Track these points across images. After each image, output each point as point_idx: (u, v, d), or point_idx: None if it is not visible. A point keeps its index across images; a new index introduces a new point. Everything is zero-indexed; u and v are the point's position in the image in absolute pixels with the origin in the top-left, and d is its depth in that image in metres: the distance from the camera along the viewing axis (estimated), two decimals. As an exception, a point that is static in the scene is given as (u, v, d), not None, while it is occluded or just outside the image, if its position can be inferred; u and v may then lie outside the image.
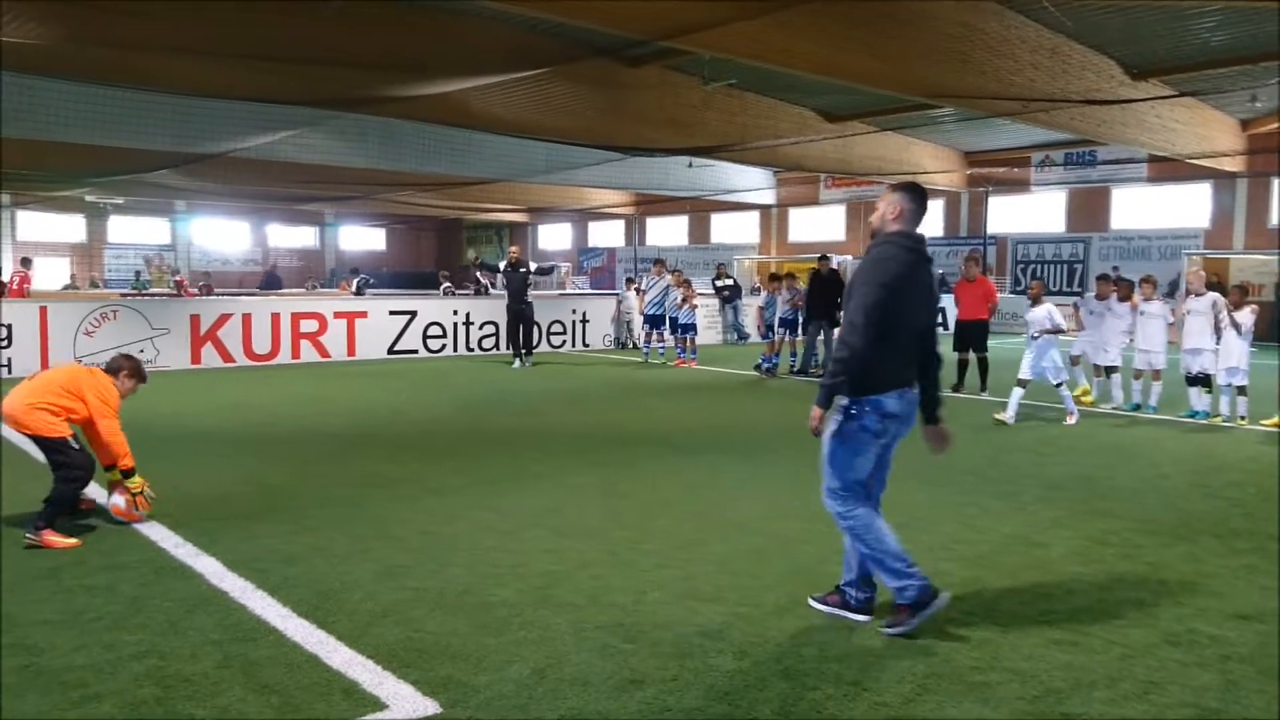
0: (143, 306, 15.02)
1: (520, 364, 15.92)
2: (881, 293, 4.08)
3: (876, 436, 4.19)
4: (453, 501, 6.49)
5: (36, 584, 4.65)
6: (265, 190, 30.15)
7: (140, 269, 36.20)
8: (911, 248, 4.26)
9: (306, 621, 4.19)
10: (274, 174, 24.24)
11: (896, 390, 4.18)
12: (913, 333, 4.24)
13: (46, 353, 13.39)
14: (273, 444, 8.68)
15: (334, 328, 16.24)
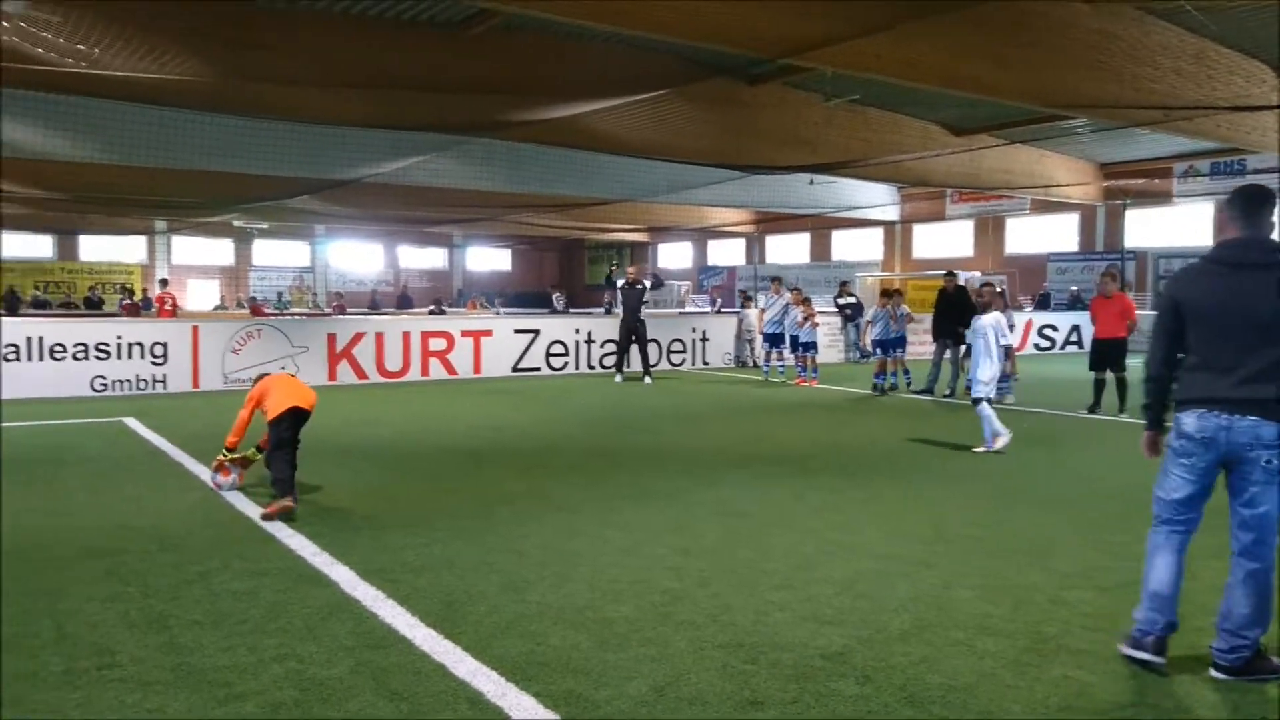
0: (285, 326, 15.80)
1: (620, 378, 16.27)
2: (1162, 306, 4.11)
3: (1179, 456, 3.97)
4: (575, 517, 6.58)
5: (189, 587, 4.93)
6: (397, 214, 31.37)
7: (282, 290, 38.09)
8: (1217, 258, 3.98)
9: (434, 631, 4.32)
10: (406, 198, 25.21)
11: (1197, 409, 3.91)
12: (1224, 346, 3.88)
13: (198, 370, 14.22)
14: (403, 458, 8.99)
15: (461, 346, 16.72)
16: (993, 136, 21.07)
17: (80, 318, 19.93)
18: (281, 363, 14.64)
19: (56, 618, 4.46)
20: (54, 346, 13.31)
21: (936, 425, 9.17)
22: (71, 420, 11.05)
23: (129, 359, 13.78)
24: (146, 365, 13.89)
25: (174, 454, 8.91)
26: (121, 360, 13.72)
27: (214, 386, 14.26)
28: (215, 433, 9.92)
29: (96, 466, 8.30)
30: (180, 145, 16.25)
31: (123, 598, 4.76)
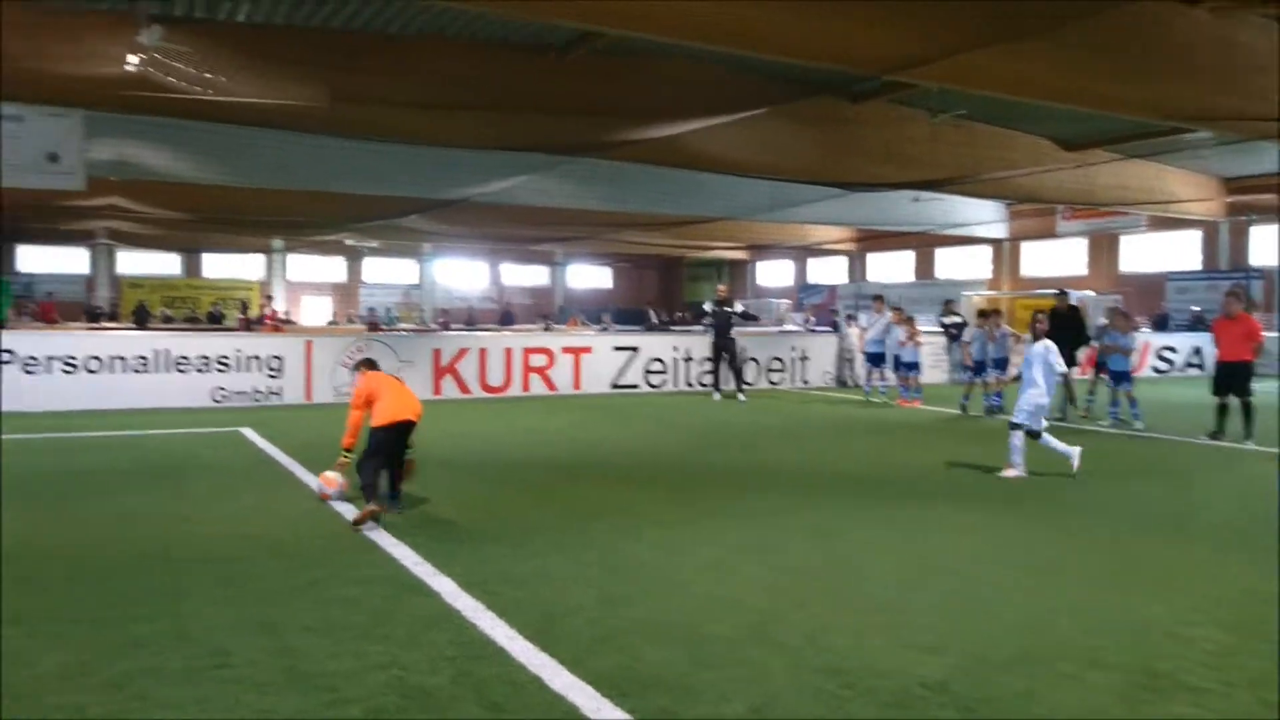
0: (392, 341, 16.29)
1: (719, 396, 16.32)
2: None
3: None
4: (672, 533, 6.59)
5: (299, 593, 5.12)
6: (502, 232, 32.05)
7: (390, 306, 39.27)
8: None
9: (531, 644, 4.38)
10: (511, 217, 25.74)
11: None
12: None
13: (311, 382, 14.77)
14: (504, 471, 9.15)
15: (561, 362, 16.94)
16: (1107, 151, 20.36)
17: (202, 332, 20.92)
18: (389, 377, 15.08)
19: (177, 619, 4.68)
20: (178, 359, 14.00)
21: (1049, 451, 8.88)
22: (193, 430, 11.60)
23: (247, 372, 14.40)
24: (263, 378, 14.49)
25: (287, 464, 9.26)
26: (240, 373, 14.35)
27: (325, 399, 14.77)
28: (326, 443, 10.27)
29: (215, 475, 8.68)
30: (298, 167, 16.97)
31: (238, 602, 4.96)
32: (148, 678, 3.95)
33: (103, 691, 3.80)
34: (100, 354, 13.59)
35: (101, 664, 4.07)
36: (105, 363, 13.55)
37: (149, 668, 4.05)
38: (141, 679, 3.93)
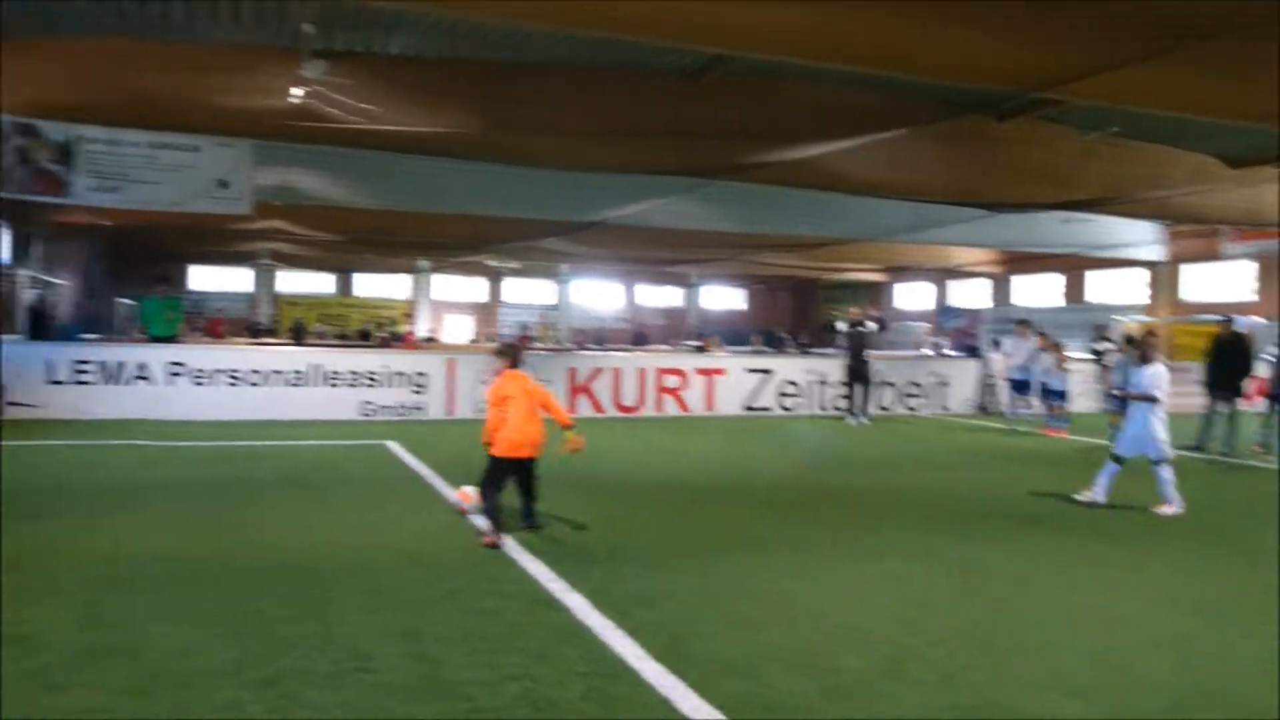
0: (528, 359, 16.66)
1: (854, 420, 16.15)
2: None
3: None
4: (805, 559, 6.50)
5: (440, 604, 5.28)
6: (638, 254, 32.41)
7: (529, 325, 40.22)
8: None
9: (660, 665, 4.39)
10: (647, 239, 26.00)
11: None
12: None
13: (453, 399, 15.27)
14: (636, 491, 9.22)
15: (694, 384, 16.98)
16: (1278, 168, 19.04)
17: (352, 348, 21.91)
18: (526, 395, 15.45)
19: (324, 623, 4.90)
20: (330, 374, 14.71)
21: (1209, 487, 8.36)
22: (341, 441, 12.15)
23: (393, 387, 15.01)
24: (408, 393, 15.07)
25: (428, 477, 9.59)
26: (387, 388, 14.96)
27: (466, 415, 15.23)
28: (466, 458, 10.58)
29: (361, 486, 9.07)
30: (445, 191, 17.61)
31: (380, 609, 5.16)
32: (296, 679, 4.15)
33: (257, 688, 4.02)
34: (260, 368, 14.43)
35: (255, 663, 4.30)
36: (264, 376, 14.37)
37: (297, 669, 4.25)
38: (291, 679, 4.13)
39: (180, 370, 13.92)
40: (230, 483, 8.95)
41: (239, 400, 14.09)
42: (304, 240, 27.88)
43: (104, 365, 13.63)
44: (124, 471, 9.34)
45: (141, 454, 10.47)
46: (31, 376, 13.26)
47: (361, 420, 14.56)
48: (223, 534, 6.86)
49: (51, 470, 9.30)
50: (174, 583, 5.52)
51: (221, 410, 13.83)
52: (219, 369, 14.15)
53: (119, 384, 13.62)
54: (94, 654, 4.33)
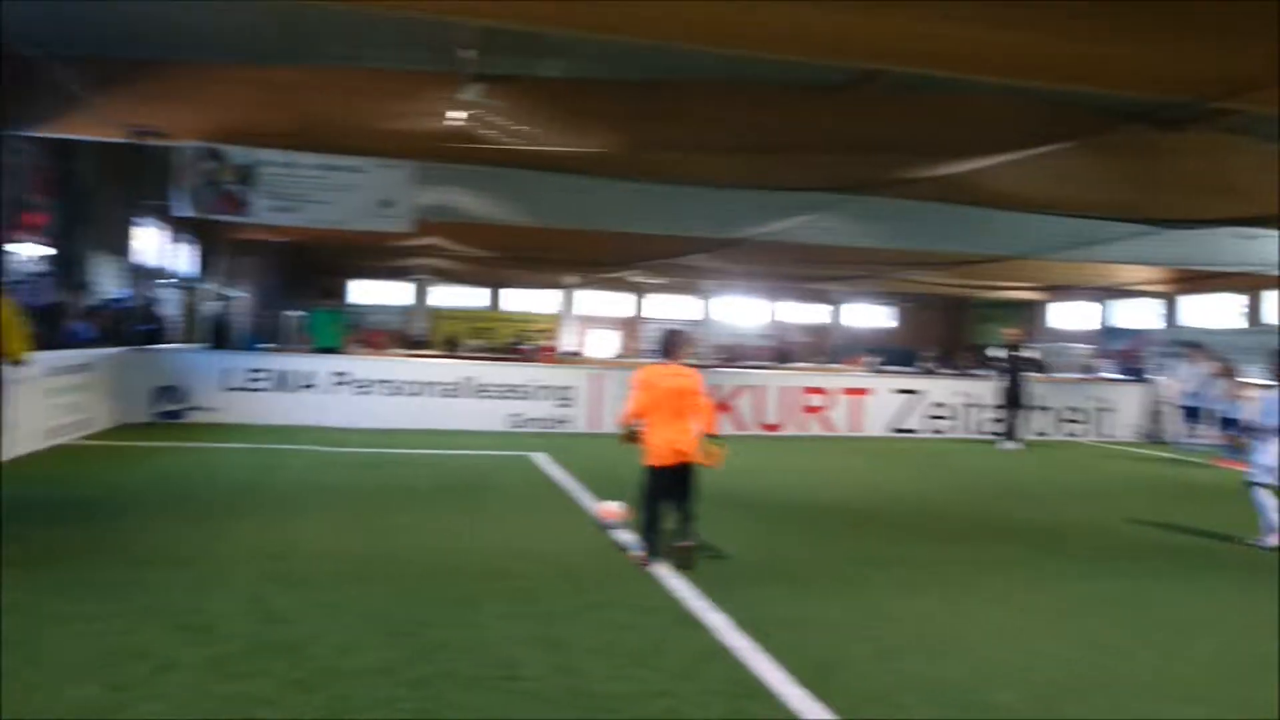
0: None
1: (1007, 445, 15.65)
2: None
3: None
4: (953, 590, 6.29)
5: (583, 615, 5.37)
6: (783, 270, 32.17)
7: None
8: None
9: (804, 690, 4.33)
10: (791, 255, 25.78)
11: None
12: None
13: (598, 413, 15.51)
14: (779, 512, 9.12)
15: (840, 404, 16.69)
16: None
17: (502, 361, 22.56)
18: (669, 411, 15.57)
19: (472, 629, 5.05)
20: (480, 386, 15.19)
21: None
22: (491, 451, 12.50)
23: (540, 400, 15.37)
24: (554, 406, 15.40)
25: (573, 489, 9.77)
26: (534, 401, 15.34)
27: (610, 429, 15.42)
28: (610, 472, 10.73)
29: (509, 496, 9.32)
30: (592, 209, 17.97)
31: (526, 617, 5.28)
32: (446, 681, 4.29)
33: (410, 688, 4.18)
34: (416, 378, 15.04)
35: (408, 663, 4.47)
36: (420, 386, 14.97)
37: (447, 671, 4.40)
38: (441, 681, 4.28)
39: (343, 380, 14.66)
40: (387, 488, 9.35)
41: (396, 409, 14.71)
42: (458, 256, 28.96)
43: (275, 373, 14.50)
44: (291, 475, 9.90)
45: (307, 459, 11.08)
46: (211, 383, 14.24)
47: (509, 432, 14.95)
48: (380, 537, 7.18)
49: (227, 472, 9.95)
50: (335, 582, 5.80)
51: (380, 419, 14.48)
52: (378, 379, 14.84)
53: (288, 392, 14.47)
54: (264, 646, 4.60)
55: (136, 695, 3.96)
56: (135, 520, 7.41)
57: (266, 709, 3.90)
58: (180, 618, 4.96)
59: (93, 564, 6.00)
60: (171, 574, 5.82)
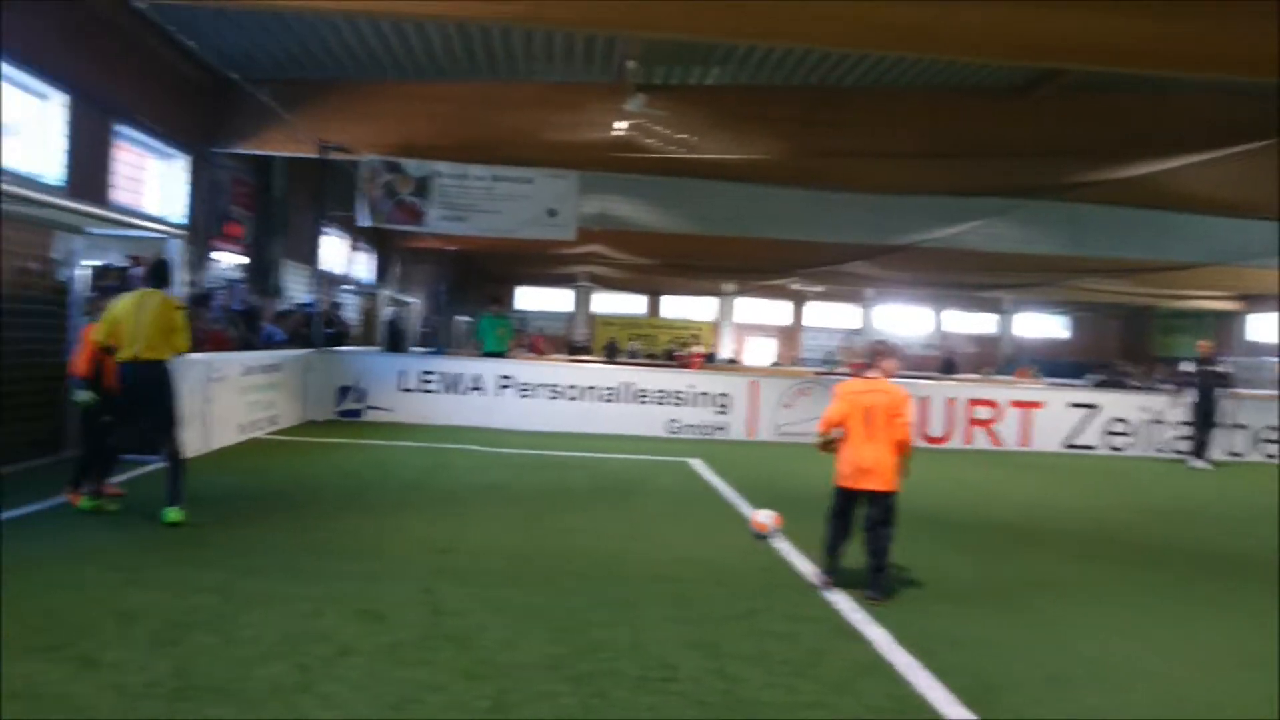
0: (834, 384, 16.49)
1: (1196, 464, 14.80)
2: None
3: None
4: (1135, 616, 5.94)
5: (738, 622, 5.37)
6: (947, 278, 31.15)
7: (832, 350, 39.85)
8: None
9: (969, 713, 4.19)
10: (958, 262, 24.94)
11: None
12: None
13: (755, 420, 15.45)
14: (943, 526, 8.84)
15: (1009, 417, 16.02)
16: None
17: (660, 368, 22.78)
18: (827, 420, 15.35)
19: (632, 629, 5.13)
20: (639, 391, 15.40)
21: None
22: (649, 456, 12.65)
23: (698, 406, 15.44)
24: (711, 413, 15.44)
25: (730, 496, 9.76)
26: (692, 407, 15.42)
27: (767, 438, 15.35)
28: (766, 481, 10.68)
29: (667, 500, 9.40)
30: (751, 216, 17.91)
31: (684, 621, 5.32)
32: (607, 679, 4.37)
33: (572, 684, 4.29)
34: (577, 383, 15.39)
35: (570, 660, 4.59)
36: (580, 391, 15.31)
37: (608, 670, 4.49)
38: (602, 679, 4.37)
39: (508, 383, 15.17)
40: (549, 489, 9.61)
41: (557, 412, 15.10)
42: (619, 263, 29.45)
43: (445, 376, 15.15)
44: (458, 474, 10.32)
45: (473, 458, 11.52)
46: (387, 384, 15.01)
47: (667, 437, 15.09)
48: (541, 536, 7.39)
49: (399, 469, 10.47)
50: (500, 578, 6.02)
51: (541, 421, 14.90)
52: (541, 383, 15.27)
53: (457, 394, 15.09)
54: (434, 636, 4.82)
55: (319, 676, 4.22)
56: (318, 511, 7.90)
57: (437, 695, 4.08)
58: (358, 605, 5.26)
59: (281, 550, 6.44)
60: (350, 563, 6.18)
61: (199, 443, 10.43)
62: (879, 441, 5.89)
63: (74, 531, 6.72)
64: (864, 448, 5.92)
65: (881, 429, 5.90)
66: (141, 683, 4.03)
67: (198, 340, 10.80)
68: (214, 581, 5.54)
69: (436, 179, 15.18)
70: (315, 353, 14.97)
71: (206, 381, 10.54)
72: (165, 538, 6.66)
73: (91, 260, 9.90)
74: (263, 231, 18.40)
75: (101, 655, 4.31)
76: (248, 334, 13.78)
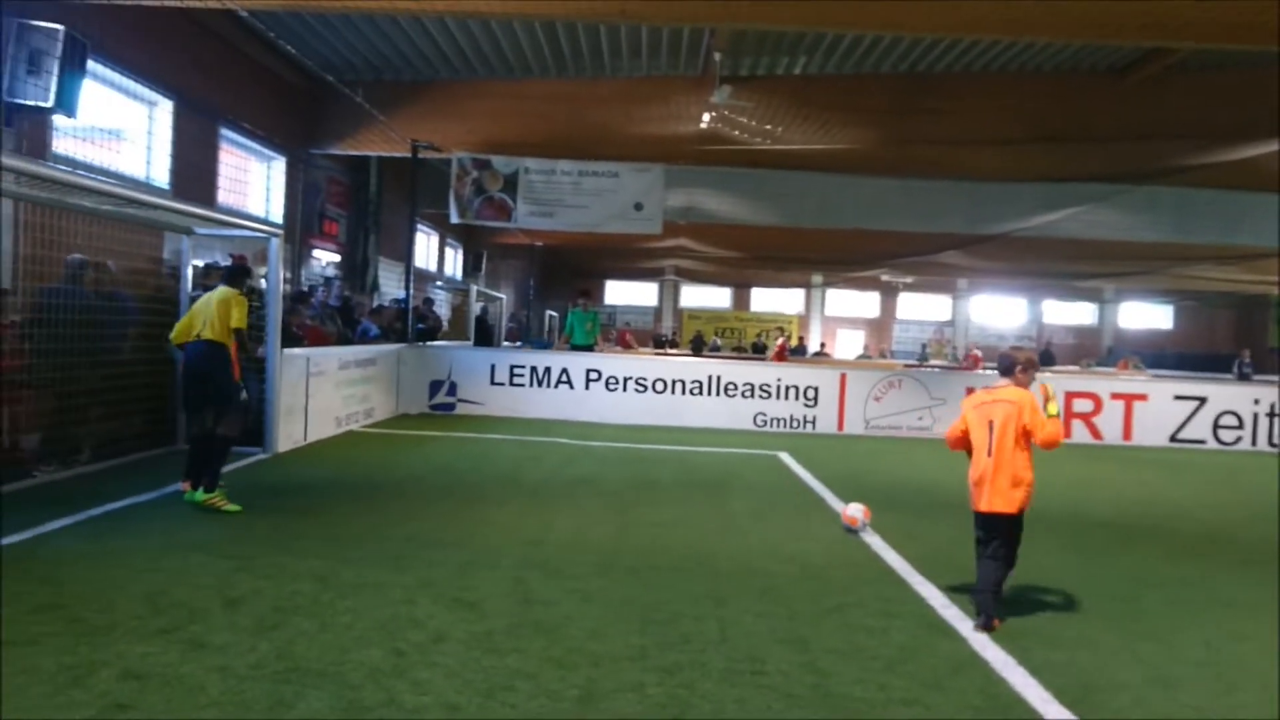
0: (924, 377, 16.19)
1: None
2: None
3: None
4: (1245, 617, 5.69)
5: (828, 616, 5.31)
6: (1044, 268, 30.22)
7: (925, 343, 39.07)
8: None
9: (1068, 712, 4.07)
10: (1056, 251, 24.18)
11: None
12: None
13: (843, 413, 15.26)
14: (1040, 522, 8.52)
15: (1109, 409, 15.48)
16: None
17: (748, 360, 22.66)
18: (919, 414, 15.06)
19: (720, 622, 5.13)
20: (727, 385, 15.34)
21: None
22: (737, 450, 12.61)
23: (785, 399, 15.31)
24: (800, 406, 15.29)
25: (819, 490, 9.66)
26: (779, 400, 15.30)
27: (856, 431, 15.14)
28: (856, 475, 10.55)
29: (755, 494, 9.35)
30: (839, 207, 17.68)
31: (772, 615, 5.30)
32: (694, 670, 4.38)
33: (659, 675, 4.31)
34: (665, 376, 15.42)
35: (658, 651, 4.61)
36: (668, 384, 15.34)
37: (696, 662, 4.49)
38: (689, 670, 4.38)
39: (596, 377, 15.29)
40: (637, 482, 9.66)
41: (645, 406, 15.16)
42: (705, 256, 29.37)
43: (535, 370, 15.35)
44: (547, 466, 10.45)
45: (563, 451, 11.65)
46: (478, 377, 15.28)
47: (755, 430, 15.01)
48: (629, 529, 7.43)
49: (490, 461, 10.65)
50: (589, 569, 6.07)
51: (629, 414, 14.98)
52: (628, 376, 15.35)
53: (546, 387, 15.27)
54: (524, 626, 4.90)
55: (413, 661, 4.33)
56: (412, 502, 8.10)
57: (527, 682, 4.15)
58: (451, 593, 5.38)
59: (377, 540, 6.61)
60: (443, 553, 6.32)
61: (299, 435, 10.79)
62: (998, 458, 5.35)
63: (183, 520, 7.02)
64: (981, 465, 5.43)
65: (1003, 445, 5.36)
66: (247, 665, 4.19)
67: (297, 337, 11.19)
68: (313, 569, 5.73)
69: (524, 175, 15.39)
70: (408, 347, 15.32)
71: (306, 375, 10.89)
72: (267, 526, 6.90)
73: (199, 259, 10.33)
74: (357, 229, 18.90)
75: (210, 638, 4.50)
76: (344, 329, 14.18)
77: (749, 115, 13.28)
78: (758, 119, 13.31)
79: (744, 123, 13.30)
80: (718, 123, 13.45)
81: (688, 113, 14.10)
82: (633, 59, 13.92)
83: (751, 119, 13.30)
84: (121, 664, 4.12)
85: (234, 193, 14.34)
